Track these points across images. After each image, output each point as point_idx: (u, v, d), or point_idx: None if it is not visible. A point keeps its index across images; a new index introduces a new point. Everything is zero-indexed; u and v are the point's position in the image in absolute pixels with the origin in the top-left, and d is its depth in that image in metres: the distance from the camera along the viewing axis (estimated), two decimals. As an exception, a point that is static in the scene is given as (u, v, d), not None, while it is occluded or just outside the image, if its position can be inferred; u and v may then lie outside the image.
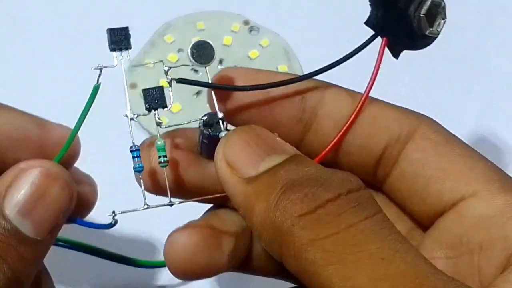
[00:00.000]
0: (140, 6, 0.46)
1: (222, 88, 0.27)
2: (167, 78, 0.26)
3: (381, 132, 0.26)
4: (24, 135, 0.27)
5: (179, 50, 0.44)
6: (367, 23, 0.27)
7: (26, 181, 0.25)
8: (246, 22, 0.45)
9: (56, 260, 0.33)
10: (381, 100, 0.26)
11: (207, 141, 0.26)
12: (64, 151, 0.26)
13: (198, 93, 0.42)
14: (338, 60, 0.27)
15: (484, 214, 0.23)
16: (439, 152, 0.25)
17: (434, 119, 0.27)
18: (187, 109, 0.41)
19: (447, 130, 0.26)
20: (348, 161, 0.26)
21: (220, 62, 0.43)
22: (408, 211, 0.26)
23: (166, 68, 0.26)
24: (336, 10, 0.47)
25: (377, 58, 0.27)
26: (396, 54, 0.28)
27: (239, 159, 0.23)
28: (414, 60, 0.44)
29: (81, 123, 0.26)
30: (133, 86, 0.42)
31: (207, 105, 0.40)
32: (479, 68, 0.45)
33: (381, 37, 0.27)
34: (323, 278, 0.19)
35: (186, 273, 0.26)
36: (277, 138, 0.23)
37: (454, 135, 0.26)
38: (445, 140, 0.25)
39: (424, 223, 0.26)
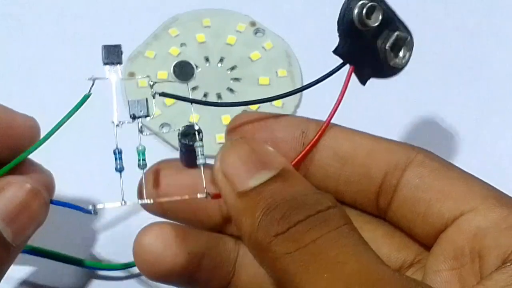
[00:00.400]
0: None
1: (200, 102, 0.30)
2: (151, 91, 0.29)
3: (378, 162, 0.27)
4: None
5: (182, 44, 0.44)
6: (335, 51, 0.29)
7: (13, 194, 0.28)
8: (253, 24, 0.45)
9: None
10: (374, 135, 0.28)
11: (184, 150, 0.29)
12: (38, 146, 0.29)
13: (194, 88, 0.42)
14: (307, 84, 0.29)
15: (481, 226, 0.25)
16: (437, 177, 0.27)
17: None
18: (181, 103, 0.40)
19: (442, 158, 0.28)
20: (349, 191, 0.28)
21: (221, 60, 0.43)
22: (413, 235, 0.28)
23: (151, 83, 0.29)
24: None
25: (343, 84, 0.29)
26: (363, 81, 0.29)
27: (233, 172, 0.25)
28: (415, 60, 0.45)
29: (60, 126, 0.29)
30: (131, 74, 0.42)
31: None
32: (478, 68, 0.45)
33: (349, 65, 0.29)
34: (294, 284, 0.23)
35: (144, 263, 0.28)
36: (269, 149, 0.26)
37: (450, 162, 0.27)
38: (441, 166, 0.27)
39: (429, 244, 0.27)
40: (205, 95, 0.42)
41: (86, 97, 0.29)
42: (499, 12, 0.48)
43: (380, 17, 0.28)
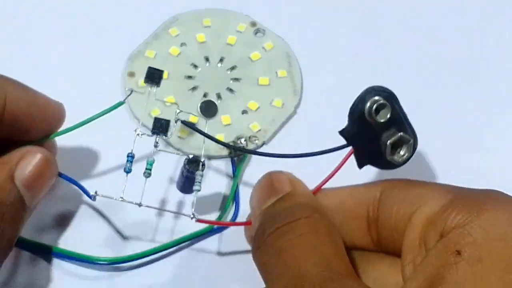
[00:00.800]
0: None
1: (214, 140, 0.34)
2: (175, 117, 0.34)
3: (360, 202, 0.31)
4: (39, 111, 0.34)
5: (182, 44, 0.44)
6: (341, 132, 0.32)
7: (31, 162, 0.32)
8: (253, 24, 0.45)
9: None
10: (357, 184, 0.32)
11: (186, 174, 0.34)
12: (61, 133, 0.34)
13: (194, 88, 0.42)
14: (311, 153, 0.32)
15: (427, 217, 0.27)
16: (401, 191, 0.30)
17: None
18: (180, 102, 0.41)
19: (408, 179, 0.31)
20: (347, 236, 0.31)
21: (221, 60, 0.43)
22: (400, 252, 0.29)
23: (178, 111, 0.34)
24: (345, 22, 0.47)
25: (340, 162, 0.32)
26: (360, 165, 0.32)
27: (255, 198, 0.32)
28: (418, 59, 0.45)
29: (89, 122, 0.34)
30: (131, 74, 0.42)
31: (200, 100, 0.41)
32: (478, 69, 0.45)
33: (352, 147, 0.32)
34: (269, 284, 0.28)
35: None
36: (282, 178, 0.32)
37: (415, 180, 0.31)
38: (406, 184, 0.30)
39: None
40: (204, 95, 0.42)
41: (119, 104, 0.34)
42: (499, 12, 0.48)
43: (388, 116, 0.31)
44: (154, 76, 0.34)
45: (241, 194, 0.38)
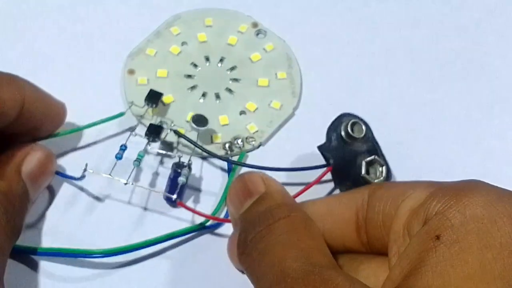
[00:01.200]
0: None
1: (204, 150, 0.38)
2: (171, 128, 0.39)
3: (348, 206, 0.32)
4: (49, 111, 0.37)
5: (183, 43, 0.44)
6: (319, 148, 0.35)
7: (36, 157, 0.35)
8: (255, 25, 0.45)
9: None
10: (343, 192, 0.34)
11: (174, 174, 0.37)
12: (66, 133, 0.38)
13: (193, 87, 0.42)
14: (290, 168, 0.37)
15: (410, 208, 0.28)
16: (387, 191, 0.31)
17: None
18: (179, 101, 0.41)
19: (394, 181, 0.34)
20: (337, 239, 0.32)
21: (221, 60, 0.44)
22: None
23: (172, 124, 0.39)
24: (345, 24, 0.47)
25: (317, 178, 0.35)
26: (337, 184, 0.35)
27: (232, 203, 0.33)
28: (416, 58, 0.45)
29: (91, 127, 0.38)
30: (131, 72, 0.43)
31: (200, 100, 0.41)
32: (478, 69, 0.45)
33: (329, 166, 0.35)
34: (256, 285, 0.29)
35: None
36: (255, 179, 0.32)
37: (400, 181, 0.33)
38: (391, 184, 0.32)
39: None
40: (203, 95, 0.42)
41: (120, 114, 0.39)
42: (499, 12, 0.48)
43: (364, 130, 0.35)
44: (153, 98, 0.39)
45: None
